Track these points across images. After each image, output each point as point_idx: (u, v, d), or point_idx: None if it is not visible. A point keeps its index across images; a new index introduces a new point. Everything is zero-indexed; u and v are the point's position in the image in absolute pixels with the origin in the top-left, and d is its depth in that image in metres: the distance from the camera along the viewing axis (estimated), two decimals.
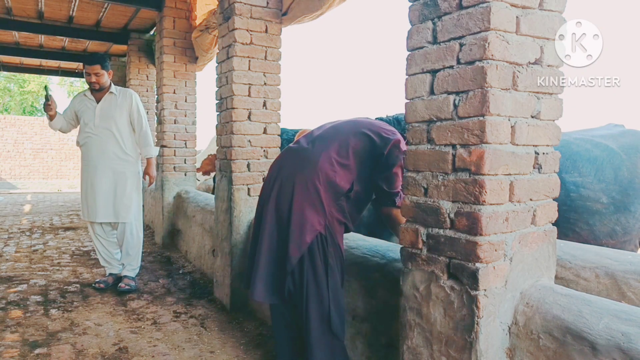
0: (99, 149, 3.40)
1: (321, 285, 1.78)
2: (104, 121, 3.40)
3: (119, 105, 3.44)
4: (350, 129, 1.96)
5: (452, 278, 1.34)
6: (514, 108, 1.29)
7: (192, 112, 5.05)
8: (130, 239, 3.49)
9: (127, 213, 3.44)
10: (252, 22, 2.93)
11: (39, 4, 5.32)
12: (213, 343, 2.51)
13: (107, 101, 3.43)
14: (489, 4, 1.23)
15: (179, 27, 4.89)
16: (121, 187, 3.42)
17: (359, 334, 1.97)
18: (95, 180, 3.38)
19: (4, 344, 2.43)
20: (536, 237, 1.39)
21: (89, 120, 3.41)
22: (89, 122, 3.41)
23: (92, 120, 3.40)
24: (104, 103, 3.42)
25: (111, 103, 3.44)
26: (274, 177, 1.92)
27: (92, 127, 3.40)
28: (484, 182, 1.25)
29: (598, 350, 1.10)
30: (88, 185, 3.41)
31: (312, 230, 1.77)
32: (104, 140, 3.40)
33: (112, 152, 3.41)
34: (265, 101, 3.04)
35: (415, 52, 1.46)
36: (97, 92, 3.44)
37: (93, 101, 3.43)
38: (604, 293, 1.69)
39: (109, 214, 3.42)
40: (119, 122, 3.43)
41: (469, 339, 1.28)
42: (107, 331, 2.64)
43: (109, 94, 3.44)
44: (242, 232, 2.98)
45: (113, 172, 3.41)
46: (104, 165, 3.40)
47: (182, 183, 5.03)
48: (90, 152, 3.41)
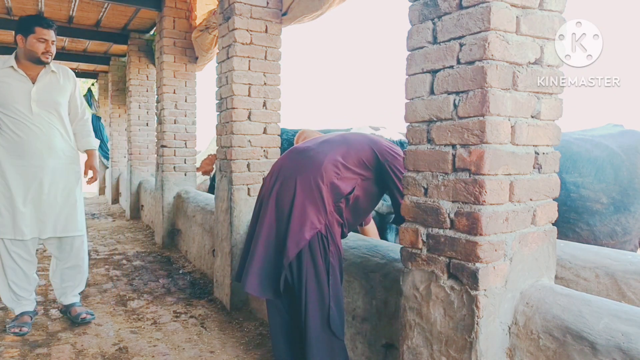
0: (43, 144, 2.58)
1: (322, 284, 1.78)
2: (44, 107, 2.60)
3: (61, 88, 2.68)
4: (358, 140, 2.00)
5: (452, 278, 1.34)
6: (514, 108, 1.29)
7: (192, 112, 5.05)
8: (84, 253, 2.83)
9: (82, 223, 2.79)
10: (252, 22, 2.93)
11: (39, 4, 5.33)
12: (213, 343, 2.51)
13: (47, 81, 2.63)
14: (489, 4, 1.23)
15: (179, 27, 4.89)
16: (72, 192, 2.73)
17: (359, 334, 1.97)
18: (44, 185, 2.60)
19: (4, 344, 2.43)
20: (536, 237, 1.39)
21: (22, 106, 2.54)
22: (22, 108, 2.54)
23: (26, 106, 2.54)
24: (43, 84, 2.61)
25: (52, 84, 2.65)
26: (276, 173, 1.92)
27: (27, 115, 2.54)
28: (484, 182, 1.25)
29: (598, 350, 1.10)
30: (23, 192, 2.58)
31: (312, 227, 1.78)
32: (48, 133, 2.60)
33: (60, 148, 2.66)
34: (265, 101, 3.04)
35: (415, 52, 1.46)
36: (31, 67, 2.59)
37: (26, 79, 2.56)
38: (604, 293, 1.69)
39: (59, 226, 2.68)
40: (63, 109, 2.69)
41: (469, 339, 1.28)
42: (107, 331, 2.64)
43: (50, 72, 2.64)
44: (242, 232, 2.97)
45: (62, 174, 2.68)
46: (52, 165, 2.62)
47: (182, 183, 5.03)
48: (28, 149, 2.56)
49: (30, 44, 2.52)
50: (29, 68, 2.58)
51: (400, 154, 1.97)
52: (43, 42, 2.53)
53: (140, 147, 6.83)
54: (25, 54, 2.56)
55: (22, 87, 2.55)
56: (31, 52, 2.53)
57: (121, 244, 5.10)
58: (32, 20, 2.53)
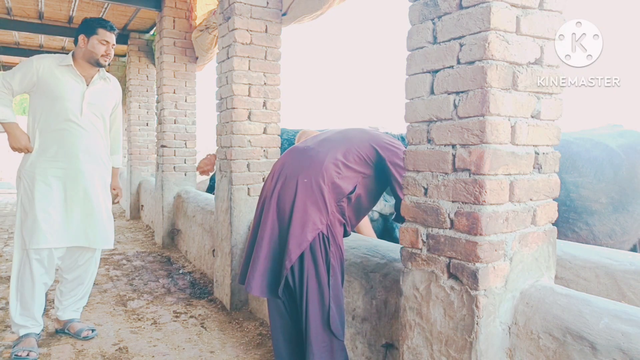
0: (86, 147, 2.50)
1: (322, 284, 1.78)
2: (93, 111, 2.55)
3: (110, 95, 2.66)
4: (358, 137, 1.99)
5: (452, 278, 1.34)
6: (514, 108, 1.29)
7: (192, 112, 5.05)
8: (95, 270, 2.68)
9: (112, 236, 2.62)
10: (252, 22, 2.93)
11: (39, 4, 5.33)
12: (213, 343, 2.51)
13: (100, 86, 2.60)
14: (489, 4, 1.23)
15: (179, 27, 4.89)
16: (108, 200, 2.62)
17: (359, 334, 1.97)
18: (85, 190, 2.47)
19: (4, 344, 2.43)
20: (536, 237, 1.39)
21: (73, 104, 2.47)
22: (72, 107, 2.46)
23: (77, 105, 2.48)
24: (97, 87, 2.57)
25: (104, 90, 2.63)
26: (277, 173, 1.92)
27: (76, 115, 2.46)
28: (484, 182, 1.25)
29: (598, 350, 1.10)
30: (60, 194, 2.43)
31: (313, 228, 1.77)
32: (91, 137, 2.53)
33: (98, 154, 2.56)
34: (265, 101, 3.04)
35: (416, 52, 1.46)
36: (86, 69, 2.55)
37: (81, 79, 2.51)
38: (604, 293, 1.69)
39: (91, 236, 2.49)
40: (107, 117, 2.65)
41: (469, 339, 1.28)
42: (107, 331, 2.64)
43: (103, 79, 2.63)
44: (242, 232, 2.98)
45: (100, 180, 2.57)
46: (91, 170, 2.51)
47: (182, 183, 5.04)
48: (70, 149, 2.46)
49: (91, 44, 2.49)
50: (84, 69, 2.54)
51: (400, 148, 1.96)
52: (104, 44, 2.51)
53: (140, 147, 6.83)
54: (83, 55, 2.51)
55: (77, 86, 2.50)
56: (91, 53, 2.50)
57: (121, 244, 5.10)
58: (95, 22, 2.53)
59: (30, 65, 2.43)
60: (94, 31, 2.50)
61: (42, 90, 2.44)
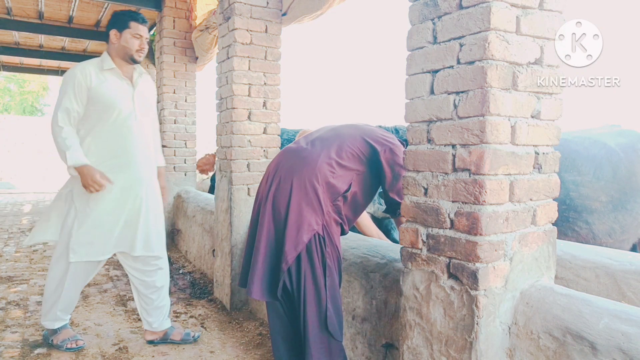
0: (143, 154, 2.34)
1: (319, 286, 1.78)
2: (143, 113, 2.37)
3: (152, 94, 2.49)
4: (350, 133, 1.98)
5: (452, 278, 1.34)
6: (514, 108, 1.30)
7: (192, 112, 5.05)
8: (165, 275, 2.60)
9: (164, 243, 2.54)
10: (252, 22, 2.93)
11: (39, 4, 5.32)
12: (213, 343, 2.51)
13: (144, 85, 2.41)
14: (489, 4, 1.23)
15: (179, 27, 4.89)
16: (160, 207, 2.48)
17: (359, 334, 1.97)
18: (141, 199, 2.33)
19: (4, 344, 2.43)
20: (536, 237, 1.40)
21: (127, 109, 2.29)
22: (127, 112, 2.29)
23: (130, 110, 2.30)
24: (141, 87, 2.39)
25: (148, 88, 2.45)
26: (272, 175, 1.91)
27: (132, 121, 2.30)
28: (484, 182, 1.25)
29: (598, 350, 1.10)
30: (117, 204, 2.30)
31: (309, 229, 1.77)
32: (145, 142, 2.37)
33: (152, 157, 2.43)
34: (265, 101, 3.04)
35: (416, 52, 1.46)
36: (125, 68, 2.35)
37: (127, 81, 2.34)
38: (604, 293, 1.69)
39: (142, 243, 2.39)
40: (153, 116, 2.48)
41: (469, 339, 1.28)
42: (107, 331, 2.64)
43: (143, 73, 2.42)
44: (242, 232, 2.98)
45: (156, 186, 2.45)
46: (147, 177, 2.37)
47: (182, 183, 5.04)
48: (131, 158, 2.30)
49: (125, 39, 2.29)
50: (123, 68, 2.35)
51: (394, 142, 1.96)
52: (138, 38, 2.30)
53: None
54: (118, 52, 2.32)
55: (127, 89, 2.32)
56: (125, 48, 2.30)
57: None
58: (127, 15, 2.32)
59: (75, 78, 2.24)
60: (127, 25, 2.30)
61: (94, 100, 2.25)
